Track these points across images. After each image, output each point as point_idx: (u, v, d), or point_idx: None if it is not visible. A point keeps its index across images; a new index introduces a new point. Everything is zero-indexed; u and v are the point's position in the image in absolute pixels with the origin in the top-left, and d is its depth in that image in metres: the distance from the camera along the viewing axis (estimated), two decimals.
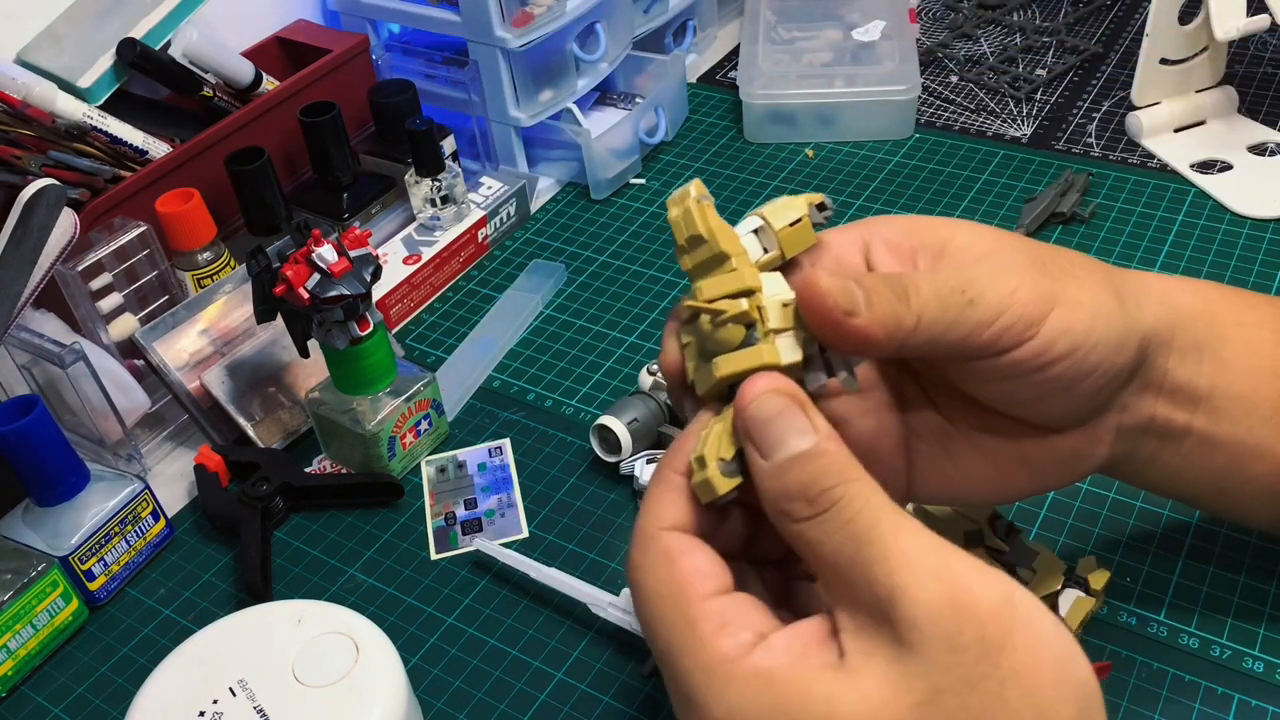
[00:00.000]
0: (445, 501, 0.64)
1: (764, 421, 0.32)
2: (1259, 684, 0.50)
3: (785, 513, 0.32)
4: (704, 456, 0.34)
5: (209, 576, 0.62)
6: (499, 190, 0.85)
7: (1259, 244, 0.76)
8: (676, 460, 0.35)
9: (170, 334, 0.67)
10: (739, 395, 0.33)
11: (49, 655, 0.58)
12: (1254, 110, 0.88)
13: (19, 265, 0.61)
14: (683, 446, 0.35)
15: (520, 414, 0.70)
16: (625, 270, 0.81)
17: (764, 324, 0.34)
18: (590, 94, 0.95)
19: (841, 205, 0.85)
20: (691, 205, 0.35)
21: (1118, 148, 0.87)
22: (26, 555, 0.57)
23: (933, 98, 0.97)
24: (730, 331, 0.34)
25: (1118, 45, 1.02)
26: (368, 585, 0.60)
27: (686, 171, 0.91)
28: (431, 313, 0.80)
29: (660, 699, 0.52)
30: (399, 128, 0.78)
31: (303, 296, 0.58)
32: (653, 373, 0.66)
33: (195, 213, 0.70)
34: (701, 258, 0.35)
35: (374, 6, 0.90)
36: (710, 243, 0.35)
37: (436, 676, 0.55)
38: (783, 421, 0.32)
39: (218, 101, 0.78)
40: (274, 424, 0.69)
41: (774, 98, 0.91)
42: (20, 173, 0.66)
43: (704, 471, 0.33)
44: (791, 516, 0.31)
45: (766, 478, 0.32)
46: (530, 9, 0.84)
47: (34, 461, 0.57)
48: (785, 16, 1.01)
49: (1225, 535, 0.56)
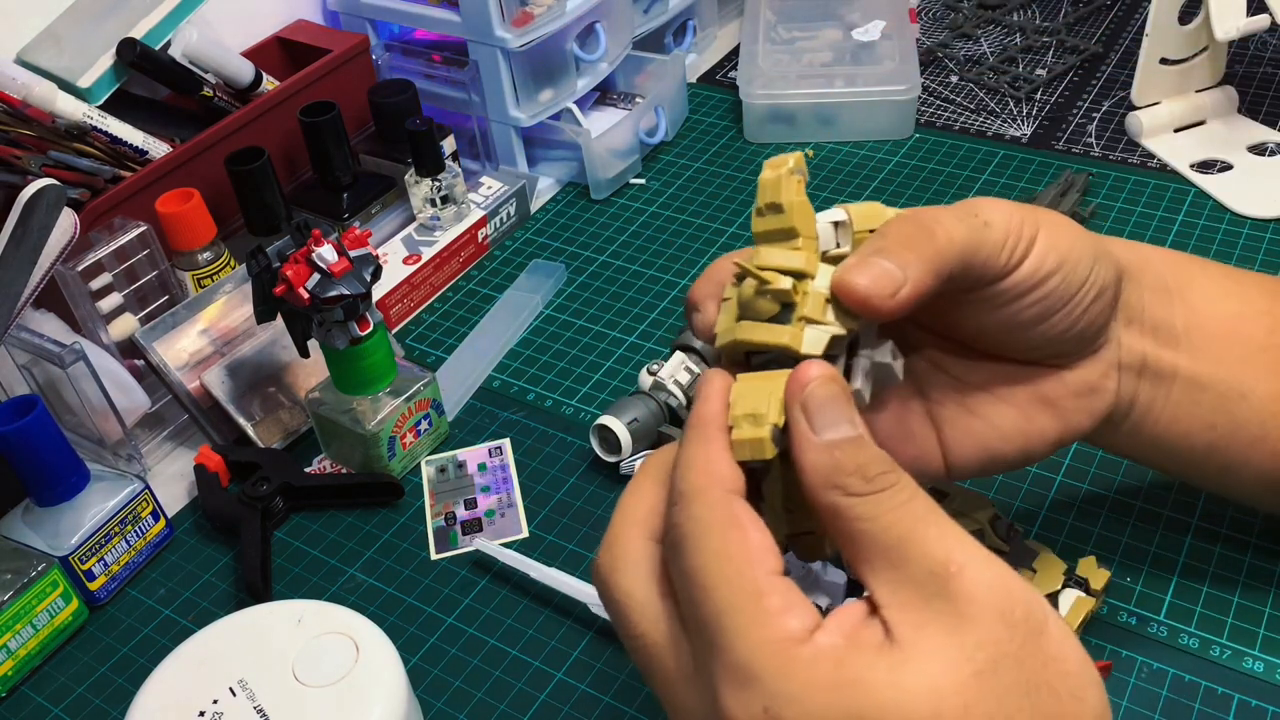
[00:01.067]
0: (445, 501, 0.64)
1: (822, 401, 0.33)
2: (1259, 684, 0.50)
3: (838, 485, 0.32)
4: (757, 416, 0.33)
5: (209, 576, 0.62)
6: (499, 190, 0.85)
7: (1259, 244, 0.76)
8: (719, 416, 0.34)
9: (170, 334, 0.67)
10: (797, 371, 0.33)
11: (49, 655, 0.58)
12: (1254, 110, 0.88)
13: (19, 265, 0.61)
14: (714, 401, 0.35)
15: (520, 414, 0.70)
16: (625, 270, 0.81)
17: (800, 309, 0.34)
18: (590, 94, 0.95)
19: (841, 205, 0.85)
20: (784, 174, 0.35)
21: (1118, 148, 0.87)
22: (26, 555, 0.57)
23: (933, 98, 0.97)
24: (766, 304, 0.35)
25: (1118, 45, 1.02)
26: (368, 585, 0.60)
27: (686, 171, 0.91)
28: (431, 313, 0.80)
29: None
30: (399, 128, 0.78)
31: (303, 296, 0.58)
32: (653, 372, 0.66)
33: (195, 213, 0.70)
34: (772, 226, 0.36)
35: (374, 6, 0.90)
36: (785, 214, 0.35)
37: (436, 676, 0.55)
38: (837, 407, 0.33)
39: (218, 101, 0.78)
40: (274, 424, 0.69)
41: (774, 98, 0.91)
42: (20, 173, 0.66)
43: (759, 431, 0.33)
44: (845, 490, 0.32)
45: (817, 451, 0.32)
46: (530, 9, 0.84)
47: (34, 461, 0.57)
48: (785, 16, 1.01)
49: (1225, 535, 0.56)
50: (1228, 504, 0.57)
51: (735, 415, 0.34)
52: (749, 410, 0.34)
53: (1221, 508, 0.57)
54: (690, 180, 0.90)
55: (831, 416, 0.33)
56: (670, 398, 0.65)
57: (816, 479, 0.32)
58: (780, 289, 0.34)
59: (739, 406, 0.34)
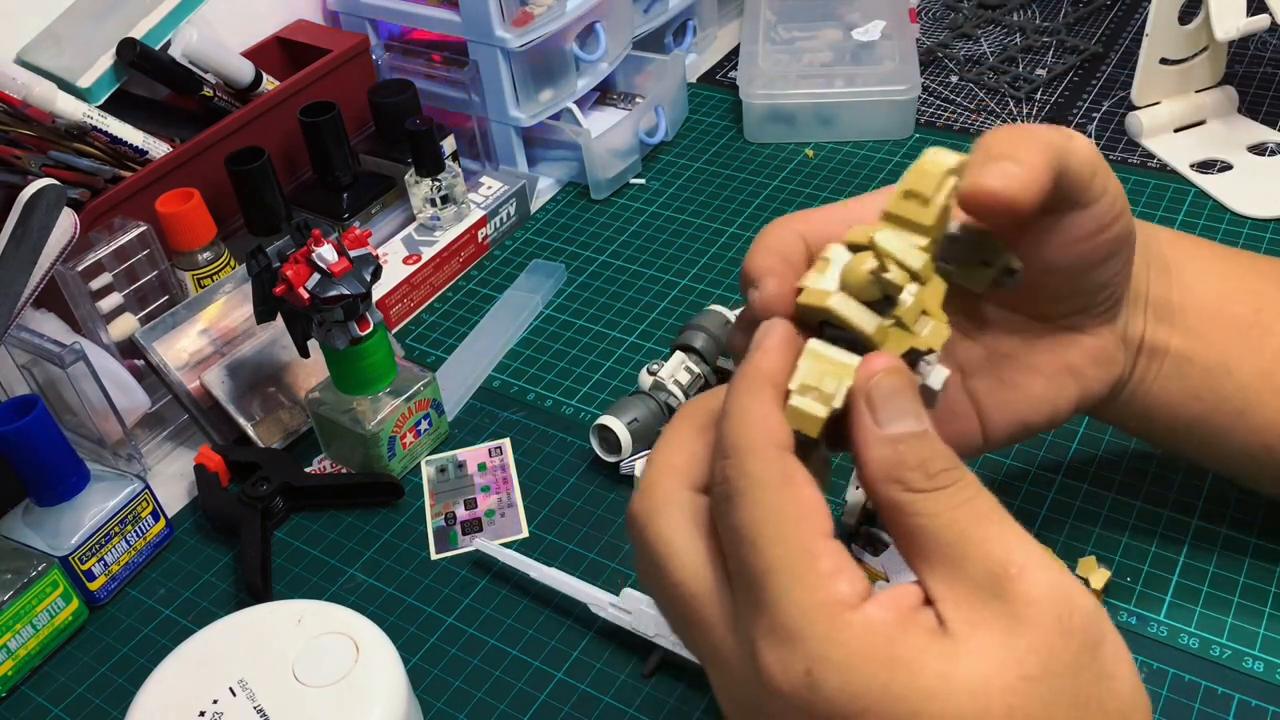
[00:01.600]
0: (445, 501, 0.64)
1: (888, 392, 0.32)
2: (1259, 684, 0.50)
3: (899, 480, 0.31)
4: (823, 394, 0.33)
5: (209, 576, 0.62)
6: (499, 190, 0.85)
7: (1259, 244, 0.76)
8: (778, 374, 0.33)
9: (170, 334, 0.67)
10: (867, 360, 0.33)
11: (49, 655, 0.58)
12: (1254, 110, 0.88)
13: (19, 265, 0.61)
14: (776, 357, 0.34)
15: (520, 414, 0.70)
16: (625, 270, 0.81)
17: (899, 308, 0.34)
18: (590, 94, 0.95)
19: None
20: (941, 173, 0.34)
21: (1118, 148, 0.87)
22: (26, 555, 0.57)
23: (933, 98, 0.97)
24: (871, 286, 0.33)
25: (1118, 45, 1.02)
26: (368, 585, 0.60)
27: (686, 171, 0.91)
28: (431, 313, 0.80)
29: (661, 698, 0.53)
30: (399, 128, 0.78)
31: (303, 296, 0.58)
32: (653, 372, 0.66)
33: (195, 213, 0.70)
34: (908, 214, 0.34)
35: (374, 6, 0.90)
36: (928, 211, 0.34)
37: (436, 676, 0.55)
38: (904, 400, 0.32)
39: (218, 101, 0.78)
40: (274, 424, 0.69)
41: (774, 98, 0.91)
42: (20, 173, 0.66)
43: (818, 409, 0.32)
44: (906, 484, 0.31)
45: (880, 444, 0.32)
46: (530, 9, 0.84)
47: (34, 461, 0.57)
48: (785, 16, 1.01)
49: (1225, 535, 0.56)
50: (1227, 504, 0.57)
51: (800, 382, 0.33)
52: (814, 383, 0.33)
53: (1222, 508, 0.57)
54: (690, 180, 0.90)
55: (897, 409, 0.32)
56: (670, 398, 0.65)
57: (878, 472, 0.32)
58: (892, 282, 0.33)
59: (805, 375, 0.33)
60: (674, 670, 0.54)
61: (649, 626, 0.53)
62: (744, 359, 0.34)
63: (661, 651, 0.54)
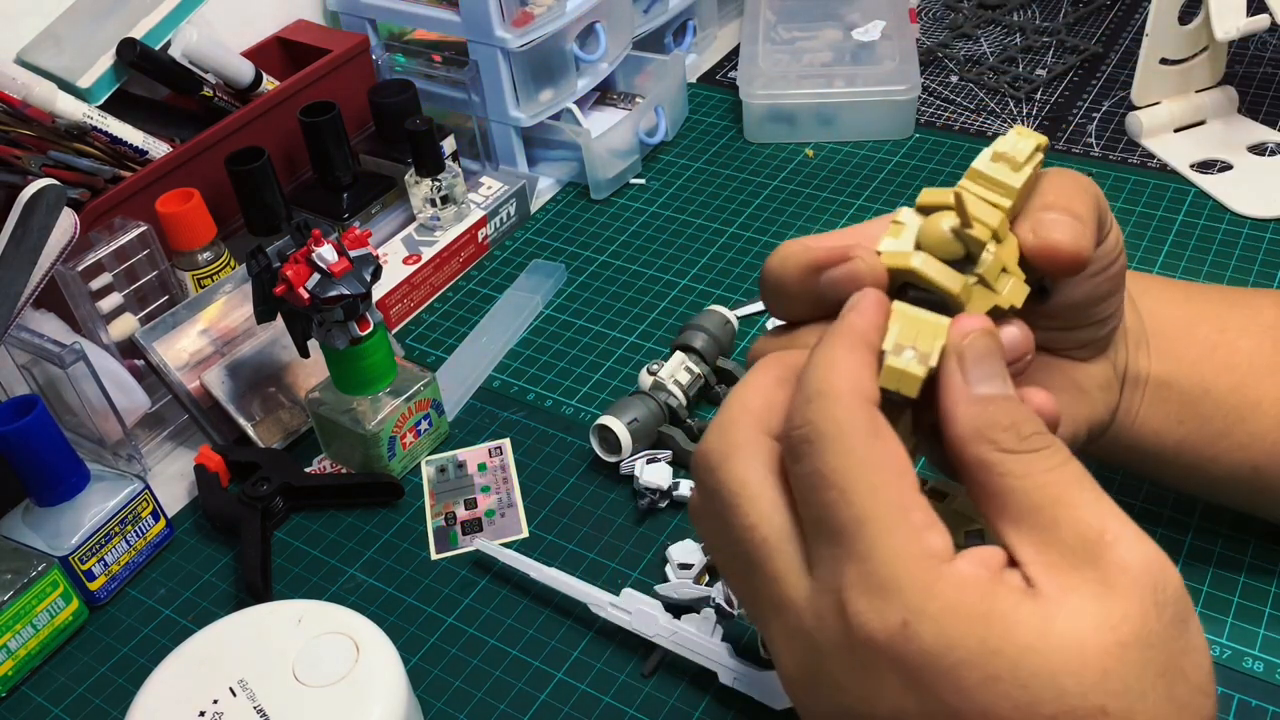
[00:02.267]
0: (445, 501, 0.64)
1: (981, 353, 0.32)
2: (1259, 684, 0.50)
3: (990, 440, 0.31)
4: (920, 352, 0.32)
5: (209, 576, 0.62)
6: (499, 190, 0.85)
7: (1259, 244, 0.76)
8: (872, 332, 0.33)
9: (170, 334, 0.67)
10: (959, 320, 0.33)
11: (49, 655, 0.58)
12: (1254, 110, 0.88)
13: (19, 265, 0.61)
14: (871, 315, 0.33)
15: (520, 414, 0.70)
16: (625, 270, 0.81)
17: (980, 265, 0.34)
18: (590, 94, 0.95)
19: (841, 205, 0.85)
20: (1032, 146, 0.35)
21: (1118, 148, 0.87)
22: (26, 555, 0.57)
23: (933, 98, 0.97)
24: (953, 244, 0.34)
25: (1118, 45, 1.02)
26: (368, 585, 0.60)
27: (686, 171, 0.91)
28: (431, 313, 0.80)
29: (661, 699, 0.53)
30: (399, 128, 0.78)
31: (303, 296, 0.58)
32: (653, 372, 0.66)
33: (195, 213, 0.70)
34: (994, 175, 0.35)
35: (374, 6, 0.90)
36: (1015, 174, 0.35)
37: (436, 676, 0.55)
38: (995, 362, 0.32)
39: (218, 101, 0.78)
40: (274, 424, 0.69)
41: (774, 98, 0.91)
42: (20, 173, 0.66)
43: (916, 367, 0.32)
44: (997, 445, 0.31)
45: (970, 403, 0.32)
46: (530, 9, 0.84)
47: (34, 461, 0.57)
48: (785, 16, 1.01)
49: (1225, 535, 0.56)
50: None
51: (894, 342, 0.33)
52: (910, 342, 0.33)
53: (1222, 508, 0.57)
54: (690, 180, 0.90)
55: (989, 370, 0.32)
56: (670, 398, 0.64)
57: (967, 430, 0.31)
58: (976, 238, 0.33)
59: (899, 335, 0.33)
60: (674, 670, 0.54)
61: (649, 626, 0.53)
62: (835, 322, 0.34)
63: (661, 651, 0.54)
